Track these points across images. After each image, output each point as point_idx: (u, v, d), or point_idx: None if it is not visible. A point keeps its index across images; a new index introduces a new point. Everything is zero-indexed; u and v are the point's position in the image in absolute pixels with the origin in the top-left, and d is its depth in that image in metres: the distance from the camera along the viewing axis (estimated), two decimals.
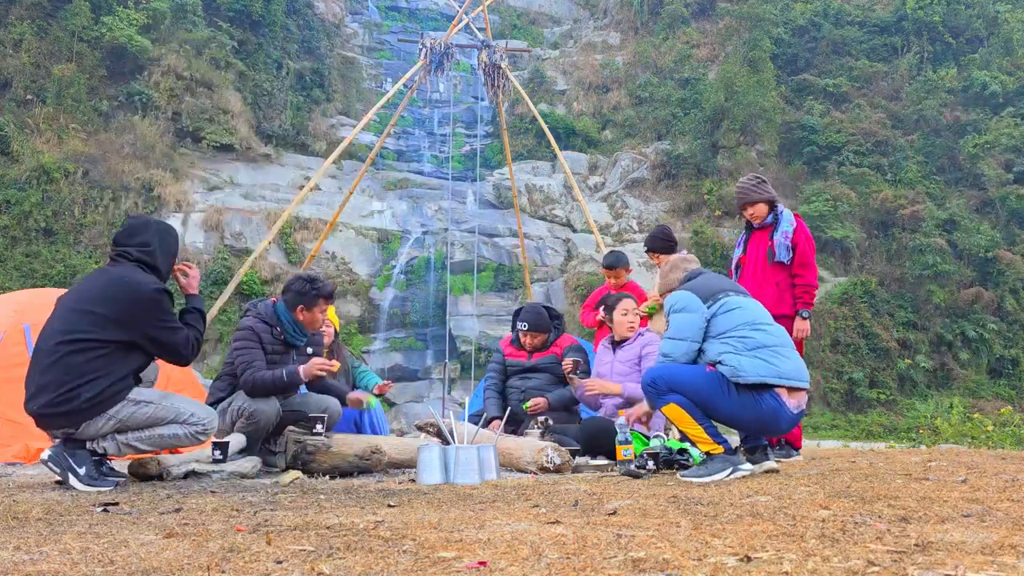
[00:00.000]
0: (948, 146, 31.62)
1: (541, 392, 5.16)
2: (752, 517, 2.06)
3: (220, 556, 1.63)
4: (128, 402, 3.31)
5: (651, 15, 39.03)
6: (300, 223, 25.42)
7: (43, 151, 22.99)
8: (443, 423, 3.91)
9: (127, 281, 3.37)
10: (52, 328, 3.40)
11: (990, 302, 27.43)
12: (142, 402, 3.34)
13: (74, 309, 3.37)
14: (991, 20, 35.69)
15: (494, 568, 1.46)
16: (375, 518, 2.20)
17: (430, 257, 26.15)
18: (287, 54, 31.08)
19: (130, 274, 3.41)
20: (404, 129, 32.81)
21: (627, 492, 2.82)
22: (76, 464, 3.27)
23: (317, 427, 3.95)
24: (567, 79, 36.83)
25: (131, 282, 3.37)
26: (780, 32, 35.67)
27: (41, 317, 5.93)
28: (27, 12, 25.09)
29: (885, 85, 34.26)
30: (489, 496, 2.80)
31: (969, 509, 2.17)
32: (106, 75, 26.01)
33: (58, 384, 3.24)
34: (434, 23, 33.76)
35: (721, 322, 3.61)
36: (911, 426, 18.47)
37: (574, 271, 26.51)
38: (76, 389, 3.22)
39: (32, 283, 19.90)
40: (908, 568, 1.36)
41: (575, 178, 20.96)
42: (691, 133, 31.39)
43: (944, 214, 28.91)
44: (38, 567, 1.54)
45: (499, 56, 11.08)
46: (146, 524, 2.18)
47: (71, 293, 3.52)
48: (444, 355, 22.22)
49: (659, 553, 1.54)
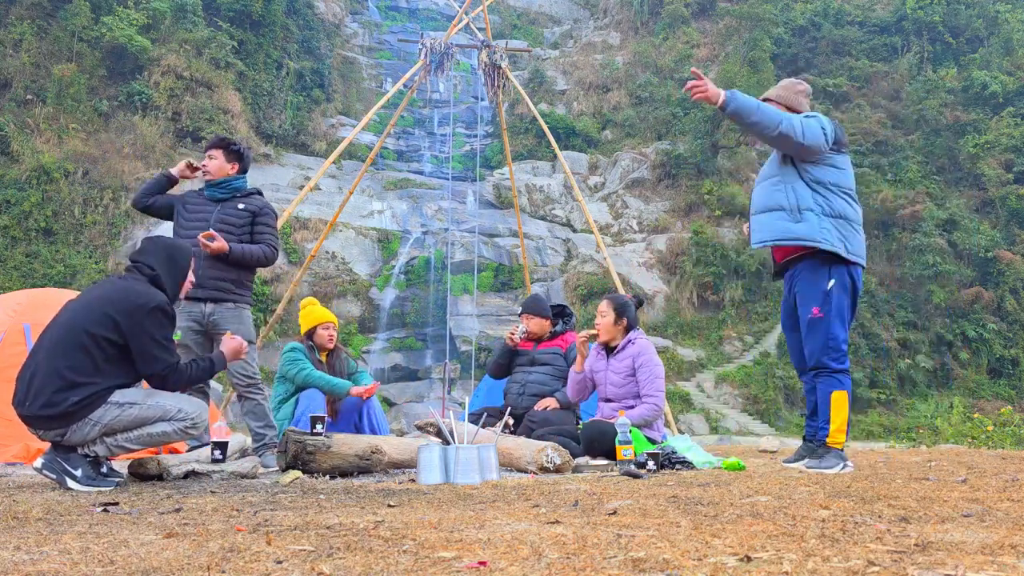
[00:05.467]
0: (948, 146, 31.63)
1: (541, 386, 5.17)
2: (752, 517, 2.06)
3: (220, 556, 1.63)
4: (111, 405, 3.28)
5: (651, 15, 39.05)
6: (300, 223, 25.43)
7: (43, 151, 22.99)
8: (443, 423, 3.91)
9: (132, 290, 3.39)
10: (51, 332, 3.40)
11: (990, 302, 27.44)
12: (126, 404, 3.32)
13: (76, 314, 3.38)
14: (991, 20, 35.70)
15: (494, 568, 1.46)
16: (375, 518, 2.20)
17: (430, 257, 26.16)
18: (287, 54, 31.09)
19: (137, 285, 3.44)
20: (404, 129, 32.82)
21: (627, 492, 2.82)
22: (71, 467, 3.27)
23: (317, 427, 3.95)
24: (567, 79, 36.84)
25: (135, 291, 3.38)
26: (780, 32, 35.69)
27: (41, 317, 5.94)
28: (27, 12, 25.09)
29: (885, 85, 34.28)
30: (489, 496, 2.80)
31: (969, 509, 2.17)
32: (106, 75, 26.02)
33: (48, 387, 3.23)
34: (434, 23, 33.77)
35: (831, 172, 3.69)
36: (911, 426, 18.47)
37: (574, 271, 26.52)
38: (64, 392, 3.22)
39: (32, 283, 19.90)
40: (908, 568, 1.36)
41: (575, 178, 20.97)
42: (691, 133, 31.41)
43: (944, 214, 28.91)
44: (38, 567, 1.53)
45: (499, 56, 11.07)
46: (146, 524, 2.18)
47: (78, 299, 3.53)
48: (444, 355, 22.21)
49: (659, 553, 1.54)
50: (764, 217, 3.72)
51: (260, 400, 4.47)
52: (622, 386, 4.64)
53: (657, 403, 4.53)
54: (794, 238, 3.61)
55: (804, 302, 3.67)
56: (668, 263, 27.74)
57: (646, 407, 4.51)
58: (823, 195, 3.66)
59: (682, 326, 26.05)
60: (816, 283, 3.63)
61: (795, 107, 3.87)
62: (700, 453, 4.34)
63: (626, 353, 4.67)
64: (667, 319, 26.04)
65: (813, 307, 3.61)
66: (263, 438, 4.43)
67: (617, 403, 4.63)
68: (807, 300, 3.65)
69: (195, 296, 4.31)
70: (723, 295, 27.09)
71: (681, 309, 26.59)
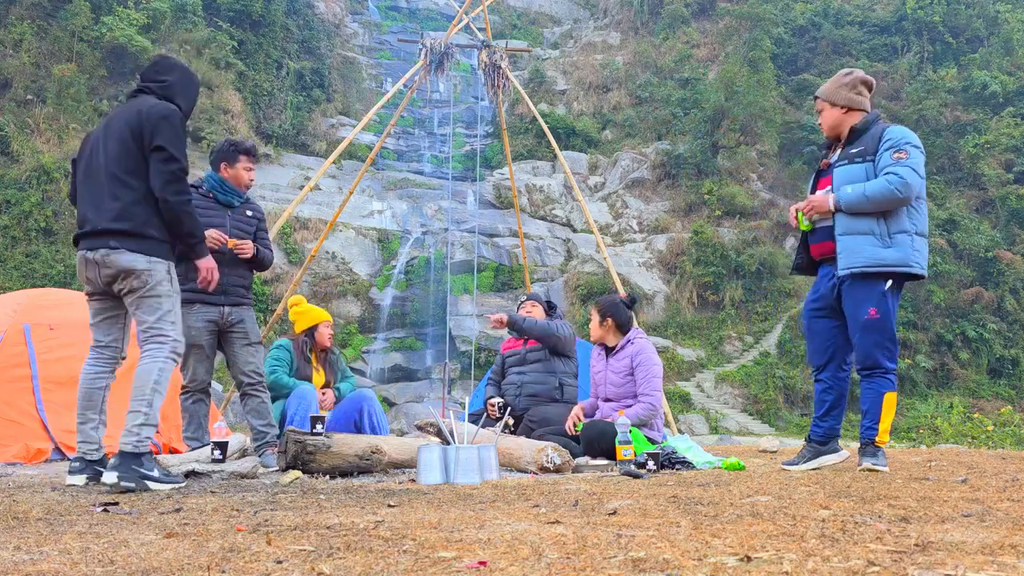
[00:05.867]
0: (948, 146, 31.61)
1: (537, 385, 5.20)
2: (752, 517, 2.06)
3: (220, 556, 1.63)
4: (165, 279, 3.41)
5: (651, 15, 39.04)
6: (300, 223, 25.42)
7: (43, 151, 22.97)
8: (443, 423, 3.91)
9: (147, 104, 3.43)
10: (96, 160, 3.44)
11: (990, 302, 27.43)
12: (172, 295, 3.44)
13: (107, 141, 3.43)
14: (991, 20, 35.69)
15: (494, 568, 1.46)
16: (375, 518, 2.20)
17: (430, 257, 26.15)
18: (287, 54, 31.08)
19: (151, 100, 3.47)
20: (404, 129, 32.81)
21: (627, 492, 2.82)
22: (147, 469, 3.24)
23: (317, 427, 3.95)
24: (567, 79, 36.83)
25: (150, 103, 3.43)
26: (780, 32, 35.68)
27: (41, 317, 5.94)
28: (27, 12, 25.08)
29: (885, 85, 34.25)
30: (489, 496, 2.80)
31: (969, 509, 2.17)
32: (106, 75, 26.01)
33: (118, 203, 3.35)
34: (434, 23, 33.78)
35: None
36: (911, 426, 18.48)
37: (574, 271, 26.51)
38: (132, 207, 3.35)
39: (32, 283, 19.89)
40: (908, 568, 1.36)
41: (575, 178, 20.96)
42: (691, 133, 31.39)
43: (944, 214, 28.90)
44: (38, 567, 1.53)
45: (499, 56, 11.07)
46: (146, 524, 2.18)
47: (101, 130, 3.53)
48: (444, 355, 22.21)
49: (659, 553, 1.54)
50: (850, 241, 3.57)
51: (264, 399, 4.51)
52: (621, 385, 4.66)
53: (653, 402, 4.54)
54: (884, 265, 3.52)
55: (859, 303, 3.57)
56: (668, 263, 27.73)
57: (641, 406, 4.52)
58: (917, 210, 3.57)
59: (682, 326, 26.04)
60: (874, 285, 3.55)
61: (856, 106, 3.73)
62: (700, 453, 4.34)
63: (625, 352, 4.70)
64: (667, 319, 26.04)
65: (870, 308, 3.54)
66: (264, 436, 4.44)
67: (616, 403, 4.64)
68: (863, 301, 3.56)
69: (215, 301, 4.40)
70: (723, 295, 27.08)
71: (681, 309, 26.58)
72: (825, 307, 3.77)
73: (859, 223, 3.55)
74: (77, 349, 5.63)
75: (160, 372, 3.34)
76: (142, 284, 3.36)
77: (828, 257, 3.73)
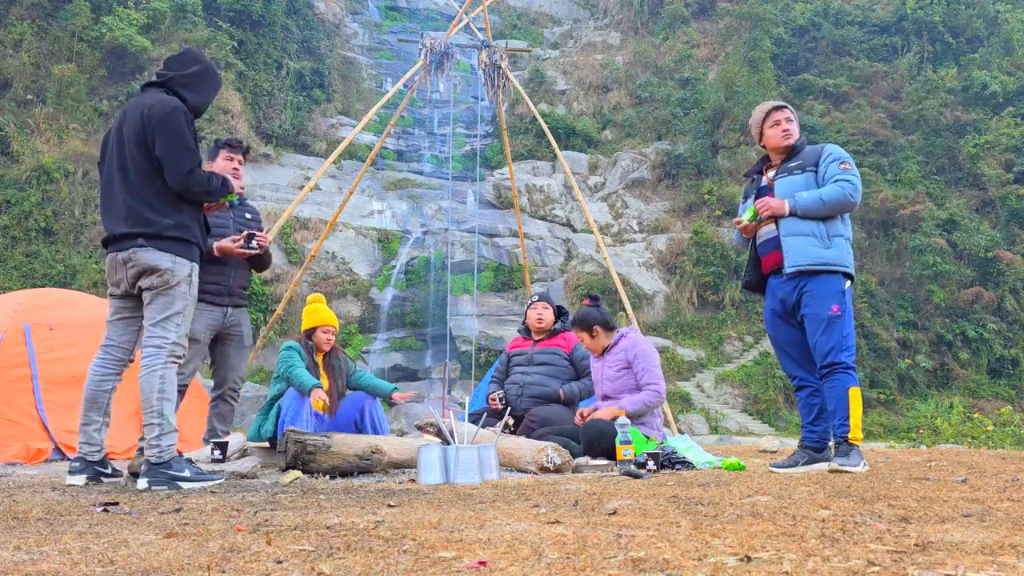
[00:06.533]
0: (948, 146, 31.62)
1: (541, 387, 5.17)
2: (752, 517, 2.06)
3: (220, 556, 1.63)
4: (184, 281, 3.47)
5: (651, 15, 39.04)
6: (300, 223, 25.43)
7: (43, 151, 22.98)
8: (443, 423, 3.91)
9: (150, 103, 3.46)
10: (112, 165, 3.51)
11: (990, 302, 27.43)
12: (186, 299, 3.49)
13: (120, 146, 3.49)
14: (991, 20, 35.69)
15: (494, 568, 1.46)
16: (375, 518, 2.20)
17: (430, 257, 26.14)
18: (287, 54, 31.08)
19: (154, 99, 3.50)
20: (404, 129, 32.81)
21: (627, 492, 2.82)
22: (176, 471, 3.28)
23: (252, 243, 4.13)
24: (567, 79, 36.83)
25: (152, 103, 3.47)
26: (780, 32, 35.68)
27: (41, 317, 5.94)
28: (27, 12, 25.08)
29: (885, 85, 34.27)
30: (489, 496, 2.80)
31: (969, 509, 2.17)
32: (106, 75, 26.01)
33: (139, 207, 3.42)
34: (434, 23, 33.75)
35: None
36: (911, 426, 18.48)
37: (574, 271, 26.51)
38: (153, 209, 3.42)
39: (32, 283, 19.89)
40: (908, 568, 1.36)
41: (575, 178, 20.97)
42: (691, 133, 31.39)
43: (944, 214, 28.90)
44: (38, 567, 1.53)
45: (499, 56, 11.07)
46: (146, 524, 2.18)
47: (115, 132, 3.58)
48: (444, 355, 22.21)
49: (659, 553, 1.54)
50: (795, 241, 3.84)
51: (235, 407, 4.73)
52: (616, 380, 4.68)
53: (658, 389, 4.57)
54: (826, 264, 3.78)
55: (820, 302, 3.75)
56: (668, 263, 27.73)
57: (647, 393, 4.54)
58: (843, 218, 3.90)
59: (682, 326, 26.04)
60: (833, 284, 3.77)
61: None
62: (700, 453, 4.34)
63: (618, 348, 4.73)
64: (667, 319, 26.03)
65: (832, 305, 3.73)
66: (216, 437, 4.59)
67: (615, 400, 4.64)
68: (824, 300, 3.75)
69: (220, 303, 4.50)
70: (723, 295, 27.08)
71: (681, 309, 26.58)
72: (783, 312, 3.94)
73: (803, 225, 3.83)
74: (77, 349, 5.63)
75: (162, 380, 3.37)
76: (163, 283, 3.41)
77: (777, 268, 3.94)
